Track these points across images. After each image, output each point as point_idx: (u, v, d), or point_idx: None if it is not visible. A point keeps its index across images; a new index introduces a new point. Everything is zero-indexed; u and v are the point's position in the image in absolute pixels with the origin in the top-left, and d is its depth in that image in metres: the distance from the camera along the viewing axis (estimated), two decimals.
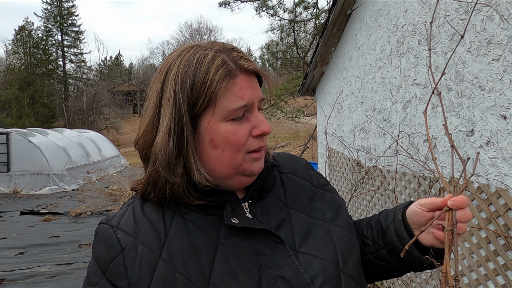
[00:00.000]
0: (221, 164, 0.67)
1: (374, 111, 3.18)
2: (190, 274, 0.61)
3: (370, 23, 3.20)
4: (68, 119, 31.18)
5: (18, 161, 9.63)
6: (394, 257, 0.73)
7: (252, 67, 0.66)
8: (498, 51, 1.77)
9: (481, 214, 1.95)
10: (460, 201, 0.63)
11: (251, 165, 0.68)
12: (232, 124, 0.65)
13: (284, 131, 19.70)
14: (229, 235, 0.65)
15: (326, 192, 0.81)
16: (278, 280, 0.62)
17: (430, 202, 0.68)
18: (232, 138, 0.65)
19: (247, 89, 0.65)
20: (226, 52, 0.66)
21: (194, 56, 0.64)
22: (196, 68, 0.63)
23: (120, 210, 0.70)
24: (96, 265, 0.65)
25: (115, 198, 7.88)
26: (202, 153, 0.67)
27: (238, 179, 0.69)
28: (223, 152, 0.66)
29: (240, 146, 0.66)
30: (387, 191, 3.01)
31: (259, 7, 11.11)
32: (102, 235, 0.66)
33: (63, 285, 3.78)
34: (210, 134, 0.65)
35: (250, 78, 0.66)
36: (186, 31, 41.14)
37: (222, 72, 0.63)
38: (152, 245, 0.63)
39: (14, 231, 5.93)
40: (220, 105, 0.63)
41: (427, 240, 0.69)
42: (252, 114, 0.67)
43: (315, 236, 0.70)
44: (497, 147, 1.81)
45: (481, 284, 1.98)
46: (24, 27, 35.29)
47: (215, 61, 0.63)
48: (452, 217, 0.62)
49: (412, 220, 0.71)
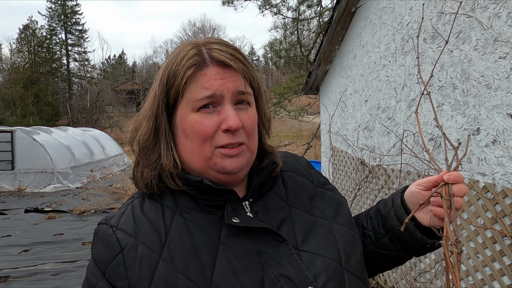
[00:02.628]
0: (192, 155, 0.67)
1: (379, 109, 3.16)
2: (192, 275, 0.60)
3: (375, 21, 3.18)
4: (72, 117, 31.32)
5: (23, 159, 9.68)
6: (397, 243, 0.75)
7: (222, 58, 0.65)
8: (505, 49, 1.74)
9: (487, 214, 1.93)
10: (455, 175, 0.67)
11: (222, 161, 0.66)
12: (200, 115, 0.65)
13: (287, 130, 19.68)
14: (230, 234, 0.65)
15: (326, 191, 0.81)
16: (281, 279, 0.61)
17: (427, 180, 0.70)
18: (198, 128, 0.65)
19: (216, 80, 0.64)
20: (207, 45, 0.67)
21: (180, 51, 0.68)
22: (174, 61, 0.67)
23: (119, 210, 0.70)
24: (95, 266, 0.64)
25: (118, 197, 7.90)
26: (178, 143, 0.69)
27: (214, 176, 0.68)
28: (192, 143, 0.66)
29: (206, 137, 0.65)
30: (391, 190, 2.99)
31: (262, 5, 11.09)
32: (101, 235, 0.65)
33: (67, 283, 3.79)
34: (182, 123, 0.67)
35: (225, 70, 0.65)
36: (189, 29, 41.14)
37: (189, 62, 0.65)
38: (153, 245, 0.62)
39: (19, 228, 5.97)
40: (188, 95, 0.65)
41: (426, 220, 0.71)
42: (223, 107, 0.65)
43: (317, 234, 0.70)
44: (504, 146, 1.79)
45: (487, 285, 1.97)
46: (28, 26, 35.42)
47: (189, 52, 0.66)
48: (449, 190, 0.66)
49: (411, 201, 0.73)
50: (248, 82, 0.68)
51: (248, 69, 0.68)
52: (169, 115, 0.68)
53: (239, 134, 0.66)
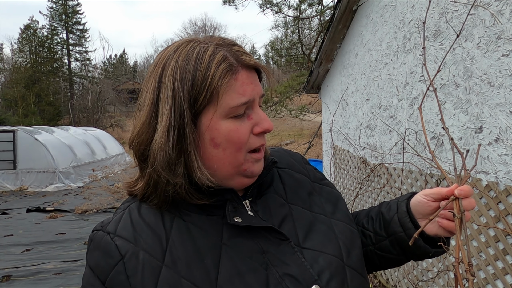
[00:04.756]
0: (222, 164, 0.64)
1: (380, 108, 3.15)
2: (196, 279, 0.58)
3: (376, 19, 3.17)
4: (73, 117, 31.36)
5: (24, 158, 9.70)
6: (397, 247, 0.74)
7: (253, 63, 0.65)
8: (508, 46, 1.73)
9: (490, 213, 1.92)
10: (466, 190, 0.65)
11: (252, 166, 0.66)
12: (233, 122, 0.63)
13: (289, 129, 19.66)
14: (232, 235, 0.64)
15: (323, 186, 0.81)
16: (285, 278, 0.61)
17: (436, 192, 0.69)
18: (234, 136, 0.63)
19: (249, 85, 0.63)
20: (226, 47, 0.64)
21: (194, 51, 0.62)
22: (197, 63, 0.60)
23: (114, 216, 0.67)
24: (93, 275, 0.61)
25: (120, 196, 7.91)
26: (203, 153, 0.64)
27: (239, 180, 0.67)
28: (224, 152, 0.63)
29: (242, 144, 0.64)
30: (393, 189, 2.98)
31: (263, 4, 11.06)
32: (98, 243, 0.62)
33: (69, 282, 3.80)
34: (211, 132, 0.62)
35: (251, 74, 0.65)
36: (190, 29, 41.12)
37: (223, 67, 0.60)
38: (154, 251, 0.60)
39: (21, 228, 5.98)
40: (222, 102, 0.61)
41: (431, 230, 0.70)
42: (253, 111, 0.65)
43: (317, 231, 0.69)
44: (507, 144, 1.77)
45: (490, 283, 1.96)
46: (29, 26, 35.46)
47: (216, 55, 0.61)
48: (460, 205, 0.64)
49: (416, 210, 0.72)
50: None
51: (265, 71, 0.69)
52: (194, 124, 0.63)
53: (264, 136, 0.68)
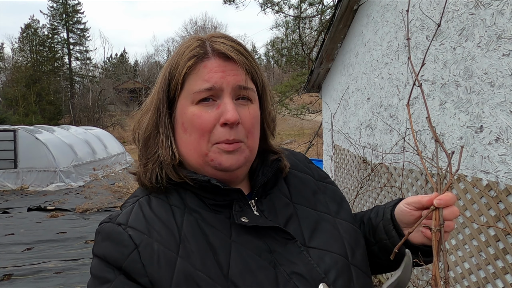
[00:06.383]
0: (189, 150, 0.66)
1: (381, 107, 3.15)
2: (211, 272, 0.59)
3: (377, 19, 3.17)
4: (74, 116, 31.40)
5: (25, 158, 9.71)
6: (385, 254, 0.73)
7: (223, 50, 0.64)
8: (508, 46, 1.73)
9: (490, 212, 1.92)
10: (446, 199, 0.63)
11: (219, 157, 0.64)
12: (199, 108, 0.64)
13: (289, 128, 19.67)
14: (240, 233, 0.64)
15: (328, 184, 0.81)
16: (293, 277, 0.62)
17: (417, 201, 0.67)
18: (196, 121, 0.64)
19: (217, 73, 0.63)
20: (211, 38, 0.66)
21: (184, 44, 0.67)
22: (177, 53, 0.67)
23: (124, 209, 0.67)
24: (106, 263, 0.60)
25: (121, 195, 7.92)
26: (177, 137, 0.68)
27: (211, 172, 0.66)
28: (190, 137, 0.65)
29: (204, 131, 0.64)
30: (393, 188, 2.98)
31: (264, 4, 11.06)
32: (109, 233, 0.62)
33: (69, 281, 3.81)
34: (181, 117, 0.66)
35: (226, 63, 0.64)
36: (191, 28, 41.06)
37: (190, 54, 0.64)
38: (168, 243, 0.60)
39: (22, 227, 5.99)
40: (188, 87, 0.65)
41: (417, 239, 0.69)
42: (222, 101, 0.64)
43: (323, 230, 0.70)
44: (507, 143, 1.78)
45: (490, 283, 1.96)
46: (30, 25, 35.48)
47: (191, 45, 0.65)
48: (439, 216, 0.62)
49: (400, 219, 0.71)
50: (250, 77, 0.67)
51: (251, 64, 0.66)
52: (170, 107, 0.68)
53: (237, 131, 0.64)
